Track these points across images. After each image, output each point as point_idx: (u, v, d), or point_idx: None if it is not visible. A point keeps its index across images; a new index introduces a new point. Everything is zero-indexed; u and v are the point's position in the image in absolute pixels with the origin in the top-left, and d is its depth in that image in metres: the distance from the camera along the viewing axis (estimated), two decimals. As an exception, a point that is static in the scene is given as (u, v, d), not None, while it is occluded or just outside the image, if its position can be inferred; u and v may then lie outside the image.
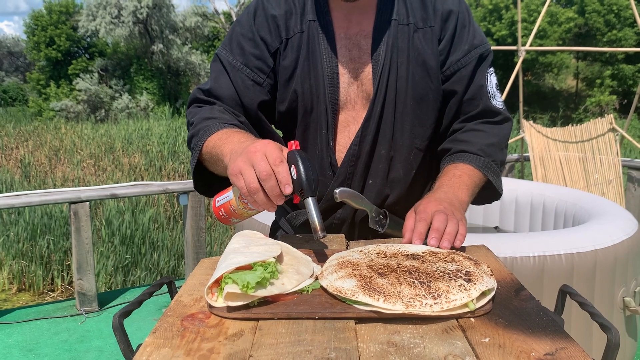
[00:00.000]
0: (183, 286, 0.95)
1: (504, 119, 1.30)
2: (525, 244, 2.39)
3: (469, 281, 0.84)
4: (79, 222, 3.72)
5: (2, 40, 33.23)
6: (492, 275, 0.90)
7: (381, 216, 1.21)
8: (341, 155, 1.29)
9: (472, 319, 0.81)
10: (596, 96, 23.10)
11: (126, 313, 0.81)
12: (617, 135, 5.48)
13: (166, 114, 21.40)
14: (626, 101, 23.02)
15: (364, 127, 1.25)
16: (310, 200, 0.98)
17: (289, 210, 1.42)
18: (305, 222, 1.36)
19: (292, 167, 0.97)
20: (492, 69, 1.30)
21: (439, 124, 1.32)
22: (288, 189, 0.95)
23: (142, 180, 8.89)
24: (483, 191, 1.27)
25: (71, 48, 26.09)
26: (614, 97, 23.23)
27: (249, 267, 0.85)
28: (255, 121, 1.29)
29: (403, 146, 1.28)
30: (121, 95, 22.97)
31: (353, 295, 0.82)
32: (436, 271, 0.88)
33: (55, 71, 25.74)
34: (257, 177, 0.95)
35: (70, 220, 3.77)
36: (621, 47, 21.01)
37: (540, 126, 5.78)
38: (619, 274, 2.52)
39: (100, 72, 24.30)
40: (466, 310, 0.81)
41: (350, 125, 1.28)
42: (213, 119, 1.20)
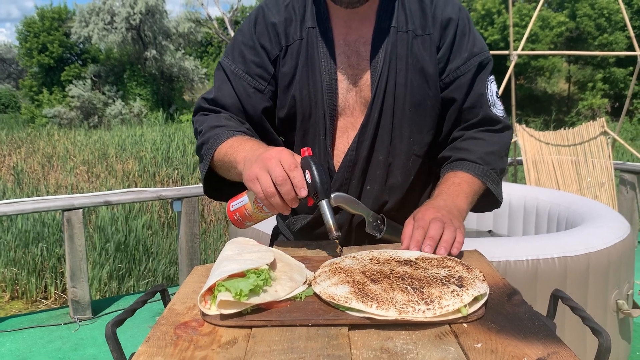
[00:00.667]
0: (176, 294, 0.95)
1: (504, 127, 1.31)
2: (519, 247, 2.40)
3: (461, 287, 0.85)
4: (72, 230, 3.71)
5: (-6, 47, 33.12)
6: (484, 281, 0.90)
7: (378, 221, 1.22)
8: (339, 161, 1.30)
9: (464, 325, 0.81)
10: (588, 99, 23.24)
11: (119, 322, 0.81)
12: (609, 138, 5.52)
13: (160, 120, 21.35)
14: (618, 104, 23.16)
15: (361, 133, 1.26)
16: (324, 203, 1.04)
17: (288, 216, 1.43)
18: (304, 227, 1.37)
19: (306, 172, 1.02)
20: (492, 77, 1.31)
21: (437, 130, 1.32)
22: (303, 192, 1.01)
23: (136, 187, 8.87)
24: (483, 199, 1.27)
25: (64, 54, 26.02)
26: (606, 100, 23.36)
27: (242, 275, 0.85)
28: (259, 128, 1.31)
29: (401, 152, 1.28)
30: (114, 101, 22.92)
31: (346, 302, 0.82)
32: (429, 277, 0.89)
33: (47, 78, 25.65)
34: (273, 182, 1.00)
35: (63, 227, 3.75)
36: (612, 51, 21.16)
37: (532, 130, 5.82)
38: (611, 276, 2.53)
39: (93, 78, 24.24)
40: (459, 315, 0.81)
41: (349, 131, 1.29)
42: (221, 127, 1.24)
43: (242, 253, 0.96)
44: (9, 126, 19.25)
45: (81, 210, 3.74)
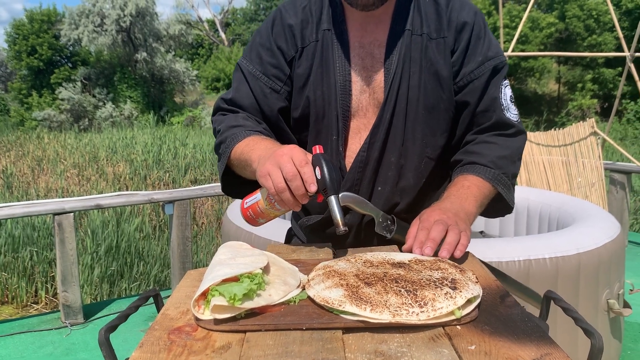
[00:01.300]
0: (169, 299, 0.94)
1: (518, 132, 1.30)
2: (511, 248, 2.41)
3: (454, 289, 0.85)
4: (63, 234, 3.68)
5: (-18, 50, 32.85)
6: (477, 282, 0.90)
7: (388, 222, 1.22)
8: (350, 162, 1.31)
9: (458, 327, 0.81)
10: (578, 100, 23.40)
11: (112, 328, 0.81)
12: (599, 138, 5.56)
13: (150, 123, 21.26)
14: (607, 104, 23.33)
15: (372, 134, 1.27)
16: (332, 199, 1.05)
17: (301, 216, 1.44)
18: (315, 226, 1.38)
19: (317, 168, 1.05)
20: (507, 81, 1.31)
21: (451, 134, 1.32)
22: (313, 188, 1.03)
23: (127, 190, 8.82)
24: (494, 204, 1.27)
25: (53, 57, 25.82)
26: (595, 100, 23.54)
27: (235, 279, 0.85)
28: (275, 128, 1.34)
29: (414, 154, 1.29)
30: (105, 104, 22.79)
31: (340, 305, 0.82)
32: (422, 279, 0.89)
33: (37, 80, 25.46)
34: (284, 177, 1.03)
35: (54, 231, 3.72)
36: (601, 52, 21.33)
37: (523, 131, 5.83)
38: (602, 276, 2.55)
39: (84, 80, 24.09)
40: (452, 318, 0.82)
41: (362, 132, 1.30)
42: (239, 127, 1.27)
43: (236, 257, 0.95)
44: (-2, 129, 19.10)
45: (72, 214, 3.72)
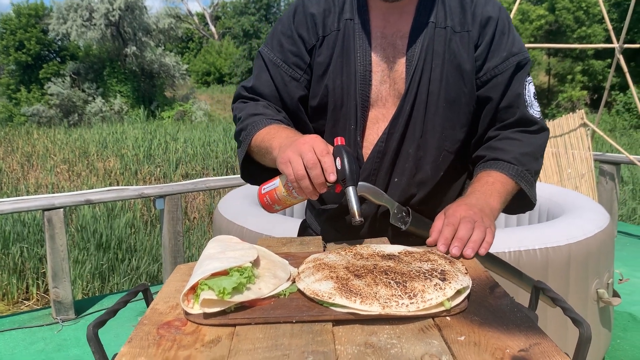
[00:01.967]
0: (159, 293, 0.94)
1: (541, 129, 1.30)
2: (501, 239, 2.43)
3: (444, 280, 0.85)
4: (53, 229, 3.66)
5: (-31, 45, 32.43)
6: (466, 274, 0.91)
7: (403, 213, 1.22)
8: (368, 152, 1.30)
9: (448, 318, 0.82)
10: (568, 91, 23.52)
11: (101, 323, 0.80)
12: (589, 130, 5.59)
13: (141, 117, 21.16)
14: (596, 96, 23.48)
15: (391, 125, 1.27)
16: (350, 189, 1.06)
17: (316, 207, 1.45)
18: (330, 216, 1.39)
19: (337, 159, 1.06)
20: (530, 78, 1.30)
21: (470, 128, 1.32)
22: (332, 177, 1.04)
23: (118, 185, 8.78)
24: (516, 200, 1.27)
25: (42, 52, 25.58)
26: (585, 92, 23.67)
27: (225, 273, 0.85)
28: (294, 116, 1.34)
29: (432, 147, 1.29)
30: (94, 98, 22.63)
31: (330, 298, 0.82)
32: (412, 271, 0.89)
33: (25, 75, 25.21)
34: (305, 165, 1.04)
35: (44, 227, 3.70)
36: (591, 43, 21.43)
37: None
38: (592, 266, 2.57)
39: (73, 75, 23.88)
40: (442, 309, 0.82)
41: (380, 122, 1.30)
42: (260, 115, 1.28)
43: (225, 251, 0.95)
44: (-14, 125, 18.93)
45: (62, 210, 3.70)
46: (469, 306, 0.85)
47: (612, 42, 5.91)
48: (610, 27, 5.87)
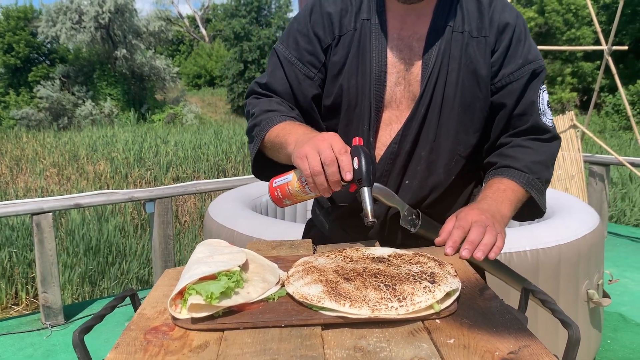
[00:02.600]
0: (146, 298, 0.93)
1: (553, 137, 1.30)
2: (492, 241, 2.42)
3: (433, 282, 0.85)
4: (42, 234, 3.63)
5: (-43, 48, 32.11)
6: (456, 276, 0.90)
7: (414, 216, 1.22)
8: (380, 153, 1.30)
9: (437, 321, 0.81)
10: (558, 93, 23.66)
11: (87, 329, 0.79)
12: (578, 131, 5.62)
13: (131, 120, 21.07)
14: (586, 98, 23.65)
15: (405, 127, 1.26)
16: (366, 190, 1.06)
17: (324, 206, 1.44)
18: (340, 215, 1.38)
19: (355, 158, 1.06)
20: (544, 86, 1.31)
21: (483, 134, 1.32)
22: (348, 176, 1.04)
23: (108, 188, 8.73)
24: (526, 208, 1.27)
25: (31, 54, 25.40)
26: (575, 94, 23.83)
27: (213, 277, 0.84)
28: (307, 115, 1.34)
29: (445, 151, 1.28)
30: (84, 102, 22.48)
31: (319, 302, 0.82)
32: (401, 274, 0.89)
33: (14, 78, 25.02)
34: (322, 162, 1.04)
35: (32, 231, 3.67)
36: (580, 46, 21.59)
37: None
38: (582, 267, 2.58)
39: (62, 78, 23.72)
40: (431, 311, 0.82)
41: (393, 124, 1.30)
42: (274, 112, 1.28)
43: (214, 255, 0.94)
44: (-26, 129, 18.75)
45: (51, 214, 3.67)
46: (459, 309, 0.85)
47: (601, 45, 5.96)
48: (599, 29, 5.92)
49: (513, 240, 2.43)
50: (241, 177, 4.79)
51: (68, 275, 5.13)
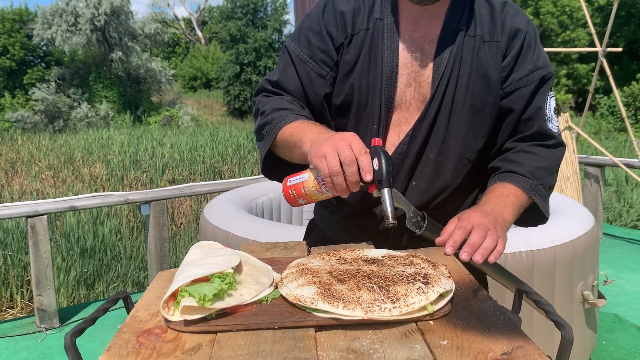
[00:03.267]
0: (139, 301, 0.92)
1: (558, 144, 1.31)
2: (487, 242, 2.43)
3: (426, 284, 0.85)
4: (37, 236, 3.61)
5: (-48, 50, 32.00)
6: (450, 277, 0.90)
7: (419, 218, 1.21)
8: (389, 154, 1.29)
9: (431, 322, 0.81)
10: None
11: (79, 331, 0.79)
12: (573, 132, 5.64)
13: (127, 123, 21.03)
14: (581, 99, 23.74)
15: (415, 128, 1.26)
16: (386, 191, 1.07)
17: (330, 206, 1.43)
18: (347, 215, 1.37)
19: (374, 159, 1.06)
20: (552, 93, 1.31)
21: (491, 138, 1.32)
22: (368, 177, 1.03)
23: (104, 191, 8.70)
24: (528, 214, 1.27)
25: (26, 57, 25.35)
26: (570, 95, 23.91)
27: (206, 279, 0.84)
28: (317, 114, 1.33)
29: (454, 154, 1.28)
30: (80, 104, 22.43)
31: (312, 303, 0.82)
32: (395, 275, 0.88)
33: (9, 81, 24.95)
34: (341, 162, 1.03)
35: (27, 234, 3.65)
36: (575, 47, 21.67)
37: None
38: (577, 268, 2.58)
39: (58, 81, 23.66)
40: (425, 313, 0.81)
41: (402, 125, 1.29)
42: (285, 110, 1.27)
43: (207, 257, 0.94)
44: (-31, 131, 18.68)
45: (46, 217, 3.65)
46: (452, 310, 0.85)
47: (595, 46, 5.98)
48: (594, 31, 5.94)
49: (508, 241, 2.43)
50: (237, 179, 4.79)
51: (63, 278, 5.11)
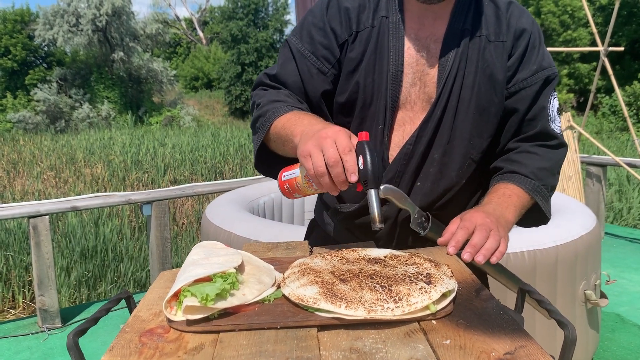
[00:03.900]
0: (142, 301, 0.92)
1: (560, 144, 1.31)
2: (489, 242, 2.42)
3: (429, 283, 0.85)
4: (39, 237, 3.62)
5: (-46, 51, 32.06)
6: (452, 277, 0.90)
7: (423, 219, 1.21)
8: (393, 154, 1.29)
9: (433, 322, 0.81)
10: (554, 95, 23.70)
11: (81, 331, 0.79)
12: (575, 132, 5.63)
13: (128, 123, 21.05)
14: (583, 99, 23.72)
15: (421, 128, 1.25)
16: (372, 192, 1.01)
17: (332, 205, 1.41)
18: (347, 215, 1.35)
19: (360, 157, 1.00)
20: (555, 93, 1.31)
21: (495, 138, 1.32)
22: (353, 178, 0.99)
23: (105, 191, 8.71)
24: (530, 214, 1.27)
25: (28, 57, 25.37)
26: (571, 95, 23.89)
27: (208, 279, 0.84)
28: (316, 110, 1.31)
29: (459, 154, 1.28)
30: (81, 104, 22.45)
31: (315, 303, 0.81)
32: (397, 275, 0.88)
33: (11, 82, 24.99)
34: (325, 162, 0.99)
35: (29, 234, 3.66)
36: (576, 47, 21.66)
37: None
38: (579, 268, 2.58)
39: (59, 81, 23.69)
40: (427, 312, 0.81)
41: (406, 125, 1.29)
42: (280, 102, 1.24)
43: (209, 257, 0.94)
44: (-29, 132, 18.71)
45: (47, 217, 3.66)
46: (455, 309, 0.85)
47: (597, 46, 5.97)
48: (595, 30, 5.93)
49: (510, 241, 2.43)
50: (238, 179, 4.79)
51: (65, 278, 5.12)
